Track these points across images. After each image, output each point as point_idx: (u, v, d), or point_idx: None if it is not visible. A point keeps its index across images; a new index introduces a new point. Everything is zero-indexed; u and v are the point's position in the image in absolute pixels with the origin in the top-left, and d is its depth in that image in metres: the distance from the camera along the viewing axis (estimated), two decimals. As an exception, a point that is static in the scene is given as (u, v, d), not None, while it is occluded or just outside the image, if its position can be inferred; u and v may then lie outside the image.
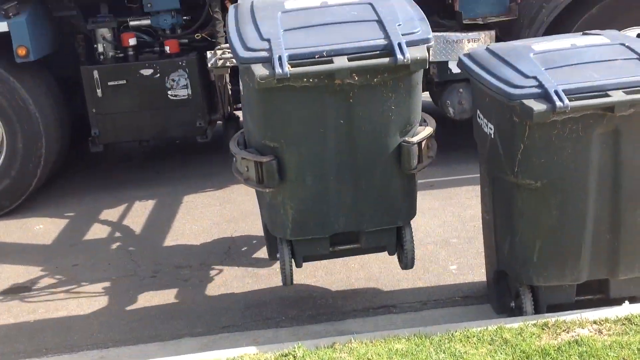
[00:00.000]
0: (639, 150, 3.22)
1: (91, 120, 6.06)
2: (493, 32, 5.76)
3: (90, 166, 7.11)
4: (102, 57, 6.01)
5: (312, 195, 3.46)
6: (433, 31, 5.62)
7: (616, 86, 3.10)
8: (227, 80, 5.73)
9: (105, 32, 5.98)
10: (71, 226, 5.68)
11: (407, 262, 3.76)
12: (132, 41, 5.99)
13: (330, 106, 3.29)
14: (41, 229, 5.67)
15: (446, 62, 5.84)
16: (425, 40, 3.30)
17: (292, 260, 3.67)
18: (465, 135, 4.52)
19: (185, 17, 6.12)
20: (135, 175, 6.78)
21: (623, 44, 3.36)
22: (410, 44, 3.22)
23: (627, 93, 3.08)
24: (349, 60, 3.19)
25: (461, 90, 5.88)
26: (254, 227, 5.23)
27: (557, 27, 5.56)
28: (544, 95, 3.11)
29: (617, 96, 3.06)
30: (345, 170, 3.44)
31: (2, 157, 5.87)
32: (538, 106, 3.09)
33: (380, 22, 3.33)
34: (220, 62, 4.94)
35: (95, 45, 6.01)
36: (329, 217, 3.52)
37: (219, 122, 6.42)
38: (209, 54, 5.02)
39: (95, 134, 6.09)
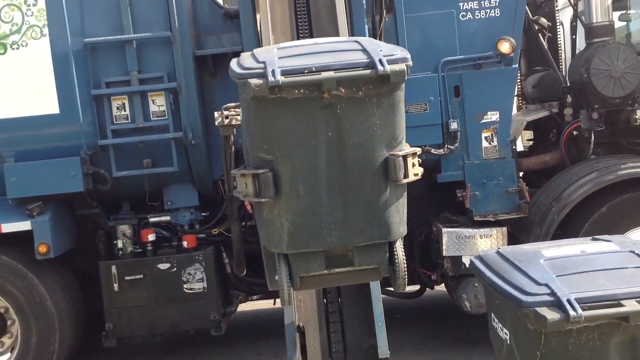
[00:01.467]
0: (659, 360, 3.15)
1: (106, 315, 6.06)
2: (505, 229, 5.84)
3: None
4: (120, 252, 6.13)
5: (306, 207, 3.66)
6: (445, 227, 5.94)
7: (629, 295, 3.10)
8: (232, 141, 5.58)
9: (125, 228, 6.16)
10: None
11: (399, 284, 3.82)
12: (151, 237, 6.13)
13: (320, 119, 3.57)
14: None
15: (460, 257, 5.88)
16: (404, 59, 3.59)
17: (290, 279, 3.82)
18: (484, 329, 4.45)
19: (203, 213, 6.31)
20: (147, 370, 6.66)
21: (633, 252, 3.40)
22: (390, 61, 3.54)
23: (641, 303, 3.07)
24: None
25: (476, 284, 5.86)
26: None
27: (567, 225, 5.65)
28: (557, 304, 3.11)
29: (631, 306, 3.05)
30: (336, 182, 3.65)
31: (16, 353, 5.82)
32: (552, 315, 3.07)
33: (364, 50, 3.67)
34: (227, 121, 5.10)
35: (115, 241, 6.15)
36: (323, 230, 3.69)
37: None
38: (216, 114, 5.22)
39: (109, 328, 6.06)
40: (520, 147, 7.49)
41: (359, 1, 5.49)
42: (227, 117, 5.10)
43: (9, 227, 5.78)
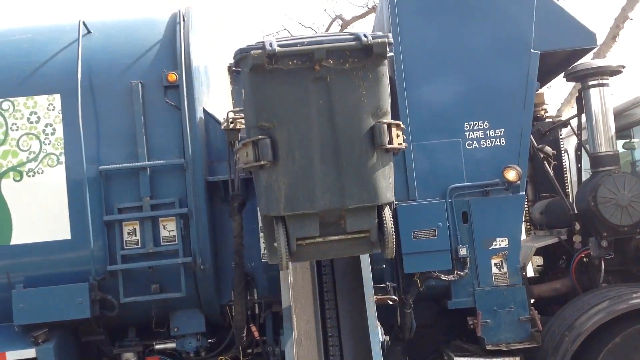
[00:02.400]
0: None
1: None
2: (518, 359, 5.71)
3: None
4: (123, 379, 5.99)
5: (301, 171, 4.15)
6: (457, 356, 5.80)
7: None
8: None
9: (130, 356, 6.02)
10: None
11: (387, 251, 4.16)
12: (156, 366, 6.01)
13: (312, 90, 4.13)
14: None
15: (477, 393, 5.73)
16: (385, 36, 4.23)
17: (287, 245, 4.25)
18: None
19: (210, 340, 6.19)
20: None
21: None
22: (373, 37, 4.20)
23: None
24: None
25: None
26: None
27: (581, 354, 5.52)
28: None
29: None
30: (328, 148, 4.16)
31: None
32: None
33: (351, 33, 4.31)
34: (232, 125, 5.39)
35: (120, 371, 6.03)
36: (316, 193, 4.17)
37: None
38: (222, 119, 5.53)
39: None
40: (530, 272, 7.44)
41: None
42: (232, 122, 5.50)
43: (13, 355, 5.64)
